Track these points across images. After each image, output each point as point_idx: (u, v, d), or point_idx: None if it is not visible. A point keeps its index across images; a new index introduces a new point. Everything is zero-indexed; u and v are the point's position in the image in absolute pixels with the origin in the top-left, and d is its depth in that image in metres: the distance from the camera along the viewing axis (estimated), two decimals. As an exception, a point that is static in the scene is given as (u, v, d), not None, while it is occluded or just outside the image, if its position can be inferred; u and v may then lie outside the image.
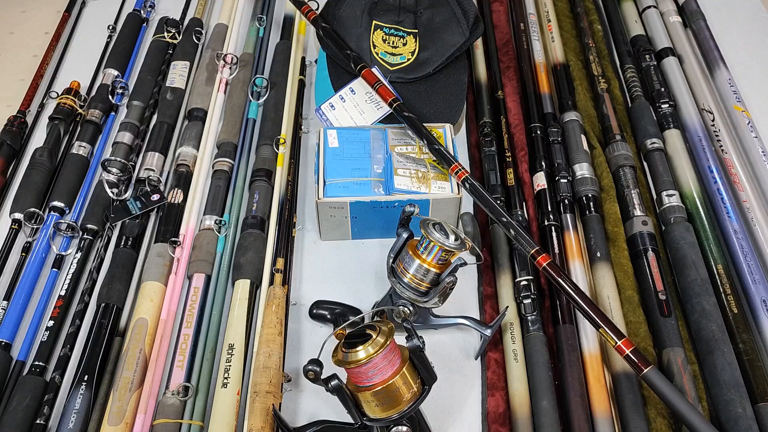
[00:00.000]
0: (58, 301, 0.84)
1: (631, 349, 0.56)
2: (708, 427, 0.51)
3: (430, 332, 0.79)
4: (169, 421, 0.72)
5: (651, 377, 0.54)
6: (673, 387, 0.54)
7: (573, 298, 0.66)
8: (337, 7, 1.04)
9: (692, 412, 0.53)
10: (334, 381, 0.61)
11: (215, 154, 0.98)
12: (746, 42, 1.15)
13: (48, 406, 0.74)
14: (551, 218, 0.88)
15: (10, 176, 1.00)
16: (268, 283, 0.82)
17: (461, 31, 1.00)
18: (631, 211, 0.88)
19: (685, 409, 0.53)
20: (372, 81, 0.88)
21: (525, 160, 0.95)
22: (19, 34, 1.27)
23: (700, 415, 0.53)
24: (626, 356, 0.56)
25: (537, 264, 0.69)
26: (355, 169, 0.88)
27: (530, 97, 1.03)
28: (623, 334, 0.58)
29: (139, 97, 1.06)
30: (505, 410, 0.74)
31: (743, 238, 0.85)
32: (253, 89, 1.06)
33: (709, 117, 1.00)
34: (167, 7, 1.25)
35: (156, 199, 0.93)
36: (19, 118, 1.05)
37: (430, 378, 0.64)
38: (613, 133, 0.97)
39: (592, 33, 1.13)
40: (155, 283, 0.84)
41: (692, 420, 0.53)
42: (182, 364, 0.77)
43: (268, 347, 0.74)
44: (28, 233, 0.92)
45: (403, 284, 0.73)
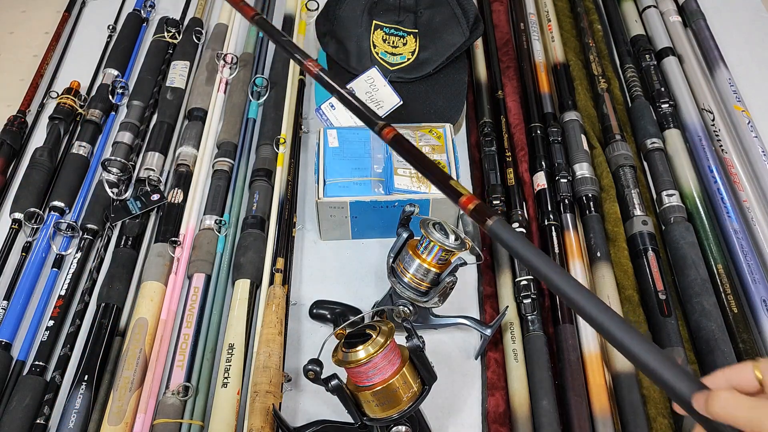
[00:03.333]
0: (58, 301, 0.84)
1: (475, 204, 0.54)
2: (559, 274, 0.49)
3: (430, 332, 0.79)
4: (169, 420, 0.72)
5: (495, 228, 0.52)
6: (519, 235, 0.52)
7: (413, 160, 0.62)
8: (337, 7, 1.04)
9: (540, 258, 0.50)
10: (334, 381, 0.61)
11: (215, 153, 0.98)
12: (746, 42, 1.15)
13: (48, 406, 0.74)
14: (551, 218, 0.88)
15: (10, 176, 1.00)
16: (268, 283, 0.82)
17: (461, 31, 1.00)
18: (631, 210, 0.88)
19: (531, 256, 0.50)
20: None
21: (525, 160, 0.95)
22: (19, 34, 1.27)
23: (550, 261, 0.50)
24: (471, 212, 0.54)
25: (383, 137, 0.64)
26: (355, 168, 0.88)
27: (530, 96, 1.03)
28: (466, 191, 0.56)
29: (139, 97, 1.06)
30: (505, 410, 0.74)
31: (743, 238, 0.85)
32: (253, 89, 1.06)
33: (709, 117, 1.00)
34: (167, 6, 1.25)
35: (156, 198, 0.93)
36: (19, 118, 1.05)
37: (430, 378, 0.64)
38: (613, 132, 0.97)
39: (592, 33, 1.13)
40: (155, 283, 0.84)
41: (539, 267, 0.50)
42: (182, 364, 0.77)
43: (268, 347, 0.74)
44: (28, 233, 0.92)
45: (403, 284, 0.73)
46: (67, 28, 1.23)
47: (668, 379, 0.44)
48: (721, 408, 0.42)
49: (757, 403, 0.42)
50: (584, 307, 0.47)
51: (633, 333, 0.45)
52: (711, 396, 0.42)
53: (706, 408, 0.42)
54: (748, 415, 0.41)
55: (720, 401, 0.42)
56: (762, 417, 0.40)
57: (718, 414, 0.42)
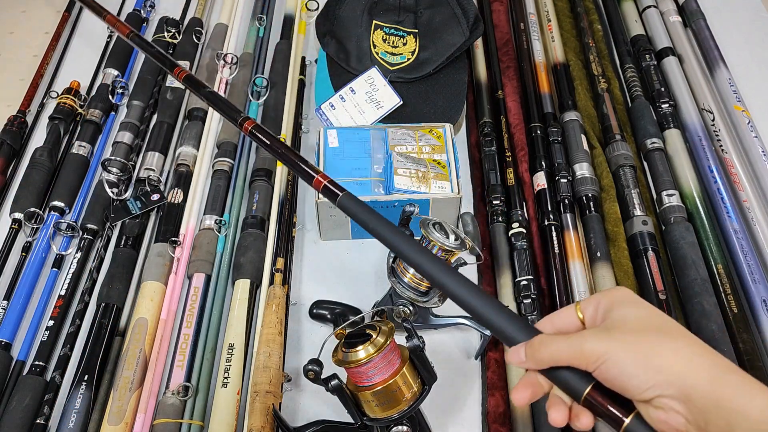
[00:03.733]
0: (58, 301, 0.84)
1: (327, 182, 0.60)
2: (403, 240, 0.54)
3: (430, 332, 0.79)
4: (169, 420, 0.72)
5: (343, 202, 0.57)
6: (366, 206, 0.57)
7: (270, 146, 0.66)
8: (337, 7, 1.04)
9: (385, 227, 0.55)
10: (334, 381, 0.61)
11: (215, 153, 0.98)
12: (746, 42, 1.15)
13: (48, 406, 0.74)
14: (551, 218, 0.88)
15: (10, 176, 1.00)
16: (268, 283, 0.82)
17: (461, 31, 1.00)
18: (631, 210, 0.88)
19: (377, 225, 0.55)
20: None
21: (525, 160, 0.95)
22: (19, 34, 1.27)
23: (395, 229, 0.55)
24: (323, 189, 0.59)
25: (244, 130, 0.68)
26: (355, 168, 0.88)
27: (530, 96, 1.03)
28: (318, 170, 0.61)
29: (139, 97, 1.06)
30: (505, 410, 0.74)
31: (743, 238, 0.85)
32: (253, 89, 1.06)
33: (709, 117, 1.00)
34: (167, 6, 1.25)
35: (156, 198, 0.93)
36: (19, 118, 1.05)
37: (430, 378, 0.64)
38: (613, 132, 0.97)
39: (592, 33, 1.13)
40: (155, 283, 0.84)
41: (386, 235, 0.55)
42: (182, 364, 0.77)
43: (268, 347, 0.74)
44: (28, 233, 0.92)
45: (403, 284, 0.73)
46: (67, 28, 1.23)
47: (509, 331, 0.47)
48: (545, 353, 0.44)
49: (571, 337, 0.44)
50: (428, 269, 0.51)
51: (471, 287, 0.49)
52: (529, 346, 0.45)
53: (532, 358, 0.45)
54: (568, 350, 0.43)
55: (541, 348, 0.45)
56: (579, 344, 0.43)
57: (543, 360, 0.44)
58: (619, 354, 0.41)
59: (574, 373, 0.44)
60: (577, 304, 0.47)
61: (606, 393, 0.43)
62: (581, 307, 0.47)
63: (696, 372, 0.40)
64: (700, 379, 0.39)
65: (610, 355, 0.42)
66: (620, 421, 0.42)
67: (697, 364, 0.40)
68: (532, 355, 0.45)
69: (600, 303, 0.45)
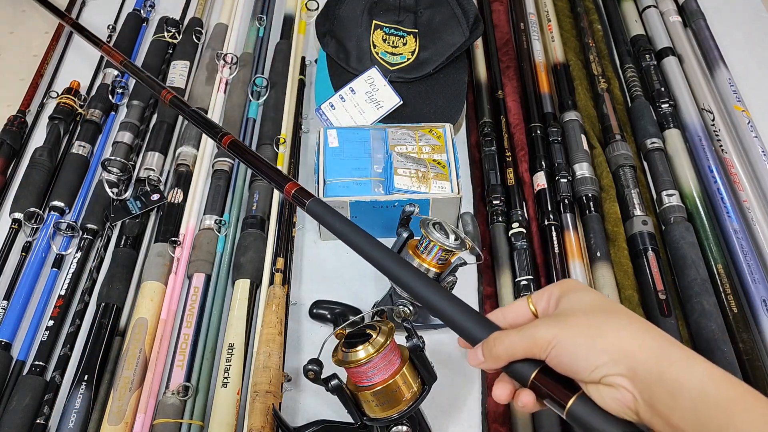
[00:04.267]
0: (58, 301, 0.84)
1: (296, 189, 0.62)
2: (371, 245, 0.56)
3: (430, 332, 0.79)
4: (169, 420, 0.72)
5: (312, 207, 0.60)
6: (333, 211, 0.59)
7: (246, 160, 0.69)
8: (337, 7, 1.04)
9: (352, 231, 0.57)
10: (334, 381, 0.61)
11: (215, 153, 0.98)
12: (746, 42, 1.15)
13: (48, 406, 0.74)
14: (551, 218, 0.88)
15: (10, 176, 1.00)
16: (268, 283, 0.82)
17: (461, 31, 1.00)
18: (631, 210, 0.88)
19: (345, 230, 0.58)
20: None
21: (525, 160, 0.95)
22: (19, 34, 1.27)
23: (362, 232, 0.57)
24: (293, 196, 0.62)
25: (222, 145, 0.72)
26: (355, 168, 0.88)
27: (530, 96, 1.03)
28: (289, 179, 0.64)
29: (139, 97, 1.06)
30: (505, 410, 0.74)
31: (743, 238, 0.85)
32: (253, 89, 1.06)
33: (709, 117, 0.99)
34: (167, 6, 1.25)
35: (156, 198, 0.93)
36: (19, 118, 1.05)
37: (430, 378, 0.64)
38: (613, 132, 0.97)
39: (592, 33, 1.13)
40: (155, 283, 0.84)
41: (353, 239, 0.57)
42: (182, 364, 0.77)
43: (268, 347, 0.74)
44: (28, 233, 0.92)
45: (403, 284, 0.73)
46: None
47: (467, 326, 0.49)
48: (501, 349, 0.46)
49: (523, 328, 0.46)
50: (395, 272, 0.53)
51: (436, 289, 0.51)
52: (486, 345, 0.47)
53: (490, 356, 0.47)
54: (521, 341, 0.45)
55: (497, 344, 0.46)
56: (532, 334, 0.45)
57: (500, 356, 0.46)
58: (568, 338, 0.43)
59: (524, 362, 0.46)
60: (529, 298, 0.49)
61: (552, 377, 0.45)
62: (533, 300, 0.49)
63: (640, 348, 0.41)
64: (644, 355, 0.41)
65: (559, 339, 0.43)
66: (564, 403, 0.44)
67: (641, 341, 0.42)
68: (490, 354, 0.47)
69: (552, 294, 0.48)
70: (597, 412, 0.43)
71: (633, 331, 0.42)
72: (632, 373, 0.41)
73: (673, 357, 0.40)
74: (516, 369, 0.46)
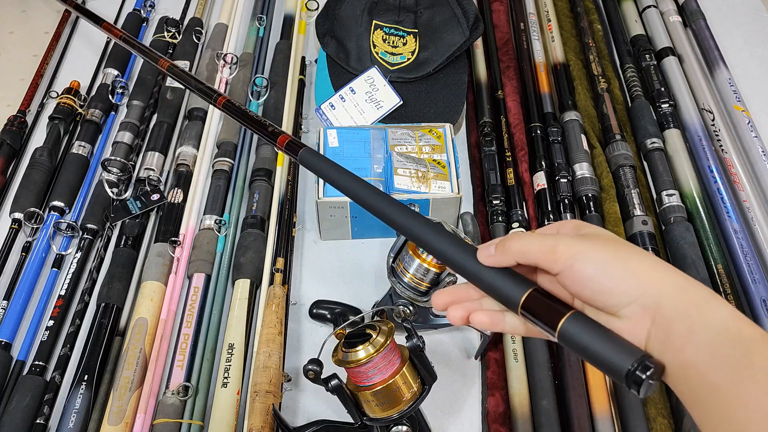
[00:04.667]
0: (58, 301, 0.84)
1: (288, 140, 0.62)
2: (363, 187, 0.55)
3: (430, 332, 0.79)
4: (169, 420, 0.72)
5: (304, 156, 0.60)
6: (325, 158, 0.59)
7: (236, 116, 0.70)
8: (337, 6, 1.04)
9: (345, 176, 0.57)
10: (334, 381, 0.61)
11: (215, 153, 0.98)
12: (746, 42, 1.15)
13: (48, 406, 0.74)
14: (551, 218, 0.88)
15: (10, 176, 1.00)
16: (268, 283, 0.82)
17: (461, 31, 1.00)
18: (631, 210, 0.88)
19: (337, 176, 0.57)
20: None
21: (525, 160, 0.95)
22: (19, 34, 1.27)
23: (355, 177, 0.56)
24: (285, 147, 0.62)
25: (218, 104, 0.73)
26: (355, 168, 0.87)
27: (530, 96, 1.03)
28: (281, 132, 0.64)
29: (139, 97, 1.06)
30: (505, 410, 0.74)
31: (743, 238, 0.85)
32: (253, 89, 1.06)
33: (709, 117, 0.99)
34: (167, 6, 1.25)
35: (156, 198, 0.93)
36: (19, 118, 1.05)
37: (430, 378, 0.64)
38: (613, 132, 0.97)
39: (592, 33, 1.13)
40: (155, 283, 0.84)
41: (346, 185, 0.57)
42: (182, 364, 0.77)
43: (268, 347, 0.74)
44: (28, 233, 0.92)
45: (403, 284, 0.73)
46: (67, 28, 1.23)
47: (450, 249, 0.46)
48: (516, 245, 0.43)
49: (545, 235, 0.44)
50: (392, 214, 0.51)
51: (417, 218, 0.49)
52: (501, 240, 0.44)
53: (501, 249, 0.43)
54: (539, 245, 0.42)
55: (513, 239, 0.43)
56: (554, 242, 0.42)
57: (511, 250, 0.43)
58: (597, 254, 0.40)
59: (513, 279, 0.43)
60: (533, 231, 0.47)
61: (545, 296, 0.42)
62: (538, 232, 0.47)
63: (669, 282, 0.39)
64: (672, 289, 0.39)
65: (586, 254, 0.41)
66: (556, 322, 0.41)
67: (671, 275, 0.40)
68: (502, 246, 0.44)
69: (562, 227, 0.45)
70: (596, 329, 0.40)
71: (662, 265, 0.40)
72: (657, 304, 0.38)
73: (701, 294, 0.39)
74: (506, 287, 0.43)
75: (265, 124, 0.66)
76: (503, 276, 0.44)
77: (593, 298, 0.40)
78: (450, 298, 0.48)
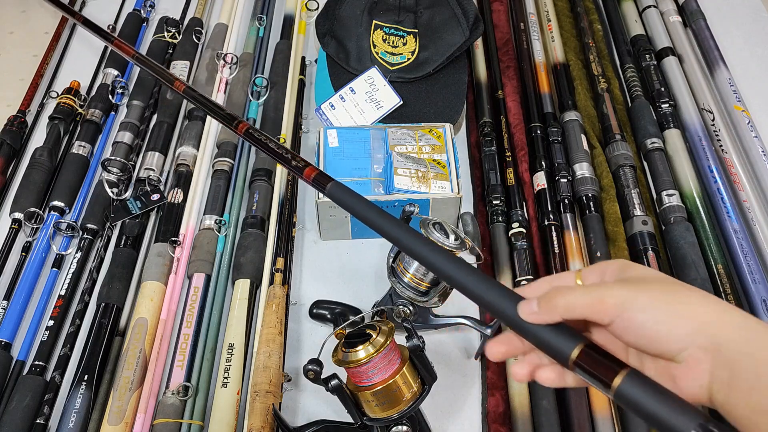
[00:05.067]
0: (58, 301, 0.84)
1: (315, 173, 0.61)
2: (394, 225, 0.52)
3: (430, 332, 0.79)
4: (169, 420, 0.72)
5: (332, 191, 0.58)
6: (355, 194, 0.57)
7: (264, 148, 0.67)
8: (337, 6, 1.04)
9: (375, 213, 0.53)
10: (334, 381, 0.61)
11: (215, 153, 0.98)
12: (746, 42, 1.15)
13: (48, 406, 0.74)
14: (551, 218, 0.88)
15: (10, 176, 1.00)
16: (268, 283, 0.82)
17: (461, 31, 1.00)
18: (631, 210, 0.88)
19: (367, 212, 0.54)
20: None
21: (525, 160, 0.95)
22: (19, 34, 1.27)
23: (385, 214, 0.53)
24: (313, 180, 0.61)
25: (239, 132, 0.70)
26: (355, 168, 0.88)
27: (530, 96, 1.03)
28: (308, 164, 0.62)
29: (139, 97, 1.06)
30: (505, 410, 0.74)
31: (743, 238, 0.85)
32: (253, 89, 1.06)
33: (709, 117, 0.99)
34: (167, 6, 1.25)
35: (156, 198, 0.93)
36: (19, 118, 1.05)
37: (430, 378, 0.64)
38: (613, 132, 0.97)
39: (592, 33, 1.13)
40: (155, 283, 0.84)
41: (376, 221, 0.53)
42: (182, 364, 0.77)
43: (268, 347, 0.74)
44: (28, 233, 0.92)
45: (403, 284, 0.73)
46: (67, 28, 1.23)
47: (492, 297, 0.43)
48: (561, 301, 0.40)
49: (589, 286, 0.41)
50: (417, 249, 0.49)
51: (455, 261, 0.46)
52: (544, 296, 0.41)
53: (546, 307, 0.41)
54: (585, 298, 0.40)
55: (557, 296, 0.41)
56: (600, 293, 0.40)
57: (557, 307, 0.40)
58: (646, 301, 0.38)
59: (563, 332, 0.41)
60: (578, 272, 0.44)
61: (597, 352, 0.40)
62: (582, 275, 0.44)
63: (727, 320, 0.37)
64: (731, 328, 0.37)
65: (635, 302, 0.38)
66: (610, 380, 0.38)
67: (728, 314, 0.37)
68: (546, 304, 0.41)
69: (606, 270, 0.43)
70: (654, 389, 0.37)
71: (717, 304, 0.38)
72: (716, 346, 0.36)
73: (761, 331, 0.36)
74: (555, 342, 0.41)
75: (289, 158, 0.64)
76: (551, 330, 0.41)
77: (649, 346, 0.39)
78: (505, 347, 0.45)
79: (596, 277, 0.43)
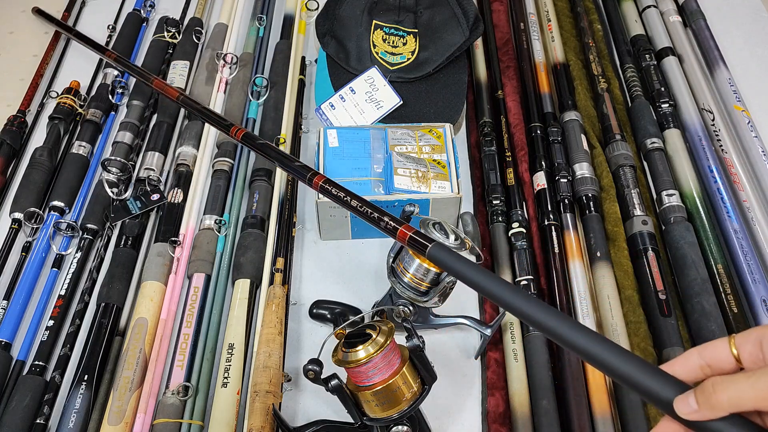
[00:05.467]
0: (58, 301, 0.84)
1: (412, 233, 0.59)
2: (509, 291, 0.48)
3: (430, 332, 0.79)
4: (169, 420, 0.72)
5: (435, 253, 0.55)
6: (460, 257, 0.54)
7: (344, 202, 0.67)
8: (337, 6, 1.04)
9: (486, 277, 0.51)
10: (334, 381, 0.61)
11: (215, 153, 0.98)
12: (746, 42, 1.15)
13: (48, 406, 0.74)
14: (551, 218, 0.88)
15: (10, 176, 1.00)
16: (268, 283, 0.82)
17: (461, 31, 1.00)
18: (631, 210, 0.88)
19: (476, 275, 0.51)
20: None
21: (525, 160, 0.95)
22: (19, 34, 1.27)
23: (497, 278, 0.50)
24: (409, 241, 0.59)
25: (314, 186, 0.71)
26: (355, 168, 0.88)
27: (530, 96, 1.03)
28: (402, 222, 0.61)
29: (139, 97, 1.06)
30: (505, 410, 0.74)
31: (743, 238, 0.85)
32: (253, 89, 1.06)
33: (709, 117, 0.99)
34: (167, 6, 1.25)
35: (156, 198, 0.93)
36: (19, 118, 1.05)
37: (430, 378, 0.64)
38: (613, 132, 0.97)
39: (592, 33, 1.13)
40: (155, 283, 0.84)
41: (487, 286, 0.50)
42: (182, 364, 0.77)
43: (268, 347, 0.74)
44: (28, 233, 0.92)
45: (403, 284, 0.73)
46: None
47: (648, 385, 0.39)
48: (724, 396, 0.36)
49: (753, 374, 0.37)
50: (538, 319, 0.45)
51: (599, 339, 0.42)
52: (701, 392, 0.37)
53: (707, 404, 0.37)
54: (752, 391, 0.36)
55: (717, 391, 0.36)
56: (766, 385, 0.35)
57: (722, 404, 0.36)
58: None
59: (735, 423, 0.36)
60: (731, 339, 0.39)
61: None
62: (736, 342, 0.39)
63: None
64: None
65: None
66: None
67: None
68: (707, 401, 0.37)
69: (764, 339, 0.38)
70: None
71: None
72: None
73: None
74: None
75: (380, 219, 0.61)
76: (721, 423, 0.37)
77: None
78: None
79: (754, 347, 0.38)
